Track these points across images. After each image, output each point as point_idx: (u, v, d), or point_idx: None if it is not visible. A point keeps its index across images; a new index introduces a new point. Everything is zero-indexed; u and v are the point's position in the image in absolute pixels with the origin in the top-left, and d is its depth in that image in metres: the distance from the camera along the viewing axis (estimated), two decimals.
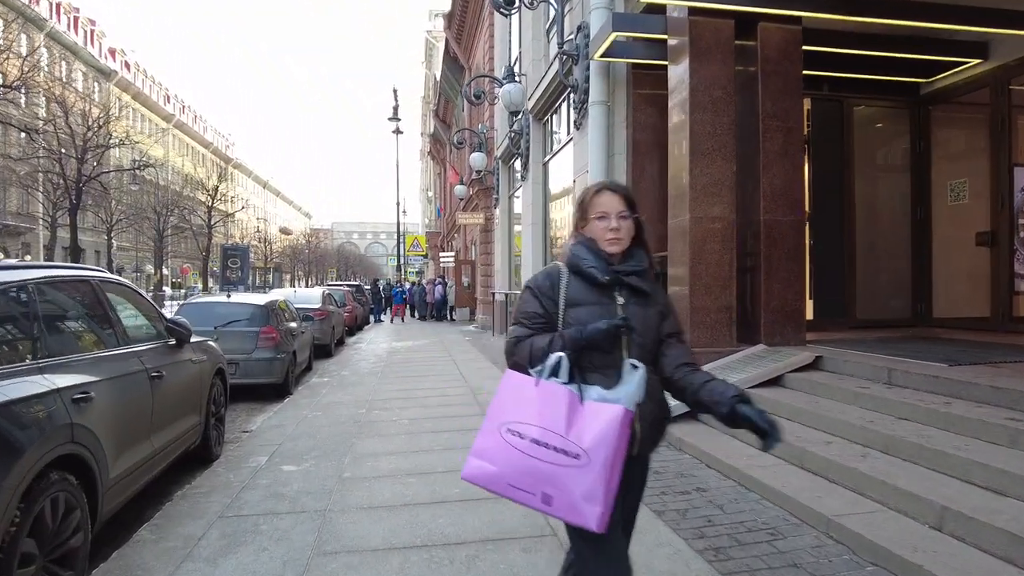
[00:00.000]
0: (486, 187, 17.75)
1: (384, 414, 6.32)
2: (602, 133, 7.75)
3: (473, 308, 23.12)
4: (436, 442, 5.15)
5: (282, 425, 5.99)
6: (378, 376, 9.11)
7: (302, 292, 14.33)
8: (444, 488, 3.96)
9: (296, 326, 9.36)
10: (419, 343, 14.50)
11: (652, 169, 7.73)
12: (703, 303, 6.18)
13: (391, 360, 11.20)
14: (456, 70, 28.59)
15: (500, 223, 15.95)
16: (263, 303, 8.29)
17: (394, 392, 7.63)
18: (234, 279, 37.61)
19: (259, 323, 7.99)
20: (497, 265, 16.52)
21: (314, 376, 9.57)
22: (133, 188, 27.05)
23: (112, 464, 3.19)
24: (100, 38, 52.91)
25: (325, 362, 11.62)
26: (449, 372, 9.37)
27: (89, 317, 3.58)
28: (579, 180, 8.58)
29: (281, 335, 8.18)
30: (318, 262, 73.70)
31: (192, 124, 68.52)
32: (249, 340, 7.82)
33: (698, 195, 6.20)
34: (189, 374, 4.68)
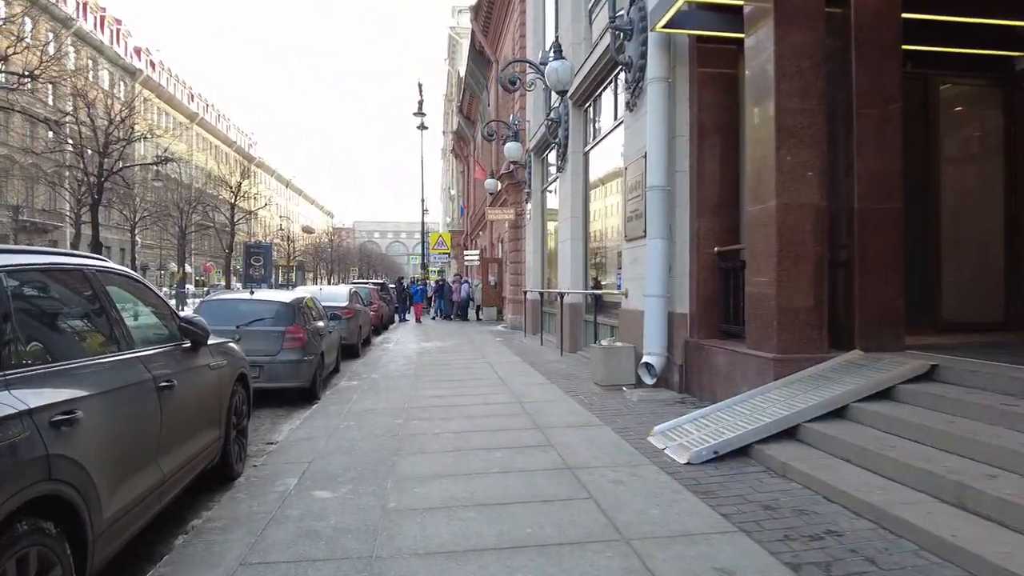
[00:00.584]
0: (516, 181, 17.02)
1: (424, 426, 5.61)
2: (662, 113, 6.96)
3: (501, 307, 22.42)
4: (489, 462, 4.43)
5: (311, 437, 5.31)
6: (411, 380, 8.43)
7: (328, 290, 13.73)
8: (513, 527, 3.23)
9: (323, 325, 8.72)
10: (449, 343, 13.81)
11: (718, 153, 6.93)
12: (791, 302, 5.38)
13: (422, 362, 10.52)
14: (482, 64, 27.91)
15: (532, 218, 15.21)
16: (289, 301, 7.65)
17: (431, 399, 6.93)
18: (257, 277, 37.44)
19: (285, 322, 7.35)
20: (528, 263, 15.78)
21: (343, 379, 8.92)
22: (156, 184, 26.74)
23: (107, 501, 2.51)
24: (126, 37, 53.19)
25: (353, 363, 10.97)
26: (487, 376, 8.65)
27: (81, 316, 2.92)
28: (633, 166, 7.80)
29: (308, 335, 7.54)
30: (340, 261, 73.66)
31: (215, 123, 68.84)
32: (274, 341, 7.18)
33: (785, 179, 5.40)
34: (206, 382, 4.02)
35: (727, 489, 3.84)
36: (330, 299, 12.20)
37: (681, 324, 7.00)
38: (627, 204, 8.01)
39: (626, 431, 5.30)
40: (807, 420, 4.59)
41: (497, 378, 8.43)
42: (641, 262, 7.53)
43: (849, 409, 4.64)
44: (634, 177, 7.75)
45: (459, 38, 50.08)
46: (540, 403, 6.56)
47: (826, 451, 4.26)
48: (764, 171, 5.56)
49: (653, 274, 6.95)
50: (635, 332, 7.65)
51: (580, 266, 11.03)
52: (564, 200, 11.59)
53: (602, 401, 6.64)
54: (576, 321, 11.00)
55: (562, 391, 7.28)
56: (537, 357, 10.77)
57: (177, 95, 60.78)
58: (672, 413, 5.94)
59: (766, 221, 5.50)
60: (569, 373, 8.75)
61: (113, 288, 3.23)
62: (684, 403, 6.45)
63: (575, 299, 10.95)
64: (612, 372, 7.30)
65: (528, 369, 9.26)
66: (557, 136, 11.66)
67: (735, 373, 5.91)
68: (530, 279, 15.50)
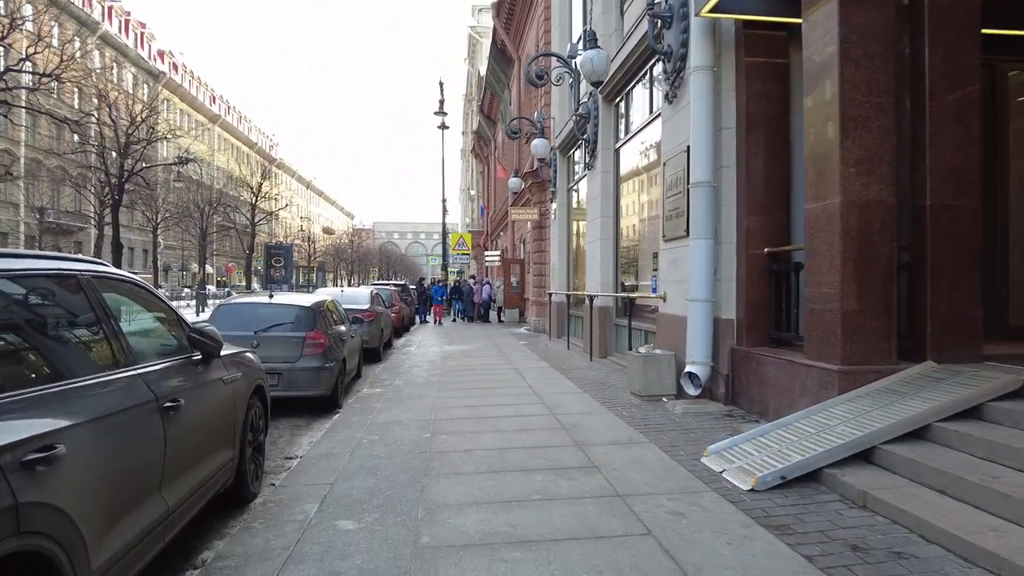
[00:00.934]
0: (541, 180, 16.58)
1: (454, 441, 5.20)
2: (707, 104, 6.48)
3: (523, 309, 21.99)
4: (530, 487, 4.00)
5: (332, 453, 4.93)
6: (436, 387, 8.03)
7: (349, 292, 13.40)
8: (567, 573, 2.80)
9: (345, 329, 8.36)
10: (472, 347, 13.41)
11: (767, 146, 6.43)
12: (857, 308, 4.88)
13: (446, 367, 10.13)
14: (503, 62, 27.51)
15: (557, 218, 14.75)
16: (309, 304, 7.29)
17: (460, 410, 6.52)
18: (277, 278, 37.41)
19: (305, 327, 6.99)
20: (553, 263, 15.33)
21: (365, 385, 8.55)
22: (177, 185, 26.75)
23: (98, 548, 2.13)
24: (150, 40, 53.74)
25: (374, 368, 10.62)
26: (516, 384, 8.22)
27: (71, 329, 2.54)
28: (672, 161, 7.32)
29: (330, 341, 7.17)
30: (360, 261, 73.81)
31: (237, 124, 69.35)
32: (294, 347, 6.82)
33: (850, 173, 4.90)
34: (219, 398, 3.64)
35: (803, 523, 3.38)
36: (351, 301, 11.87)
37: (727, 331, 6.51)
38: (665, 202, 7.54)
39: (675, 450, 4.84)
40: (884, 441, 4.09)
41: (526, 386, 8.00)
42: (682, 264, 7.05)
43: (931, 429, 4.14)
44: (674, 173, 7.28)
45: (479, 37, 49.79)
46: (576, 415, 6.11)
47: (911, 478, 3.77)
48: (826, 165, 5.06)
49: (697, 277, 6.47)
50: (675, 338, 7.17)
51: (610, 267, 10.56)
52: (593, 199, 11.13)
53: (643, 414, 6.17)
54: (606, 325, 10.54)
55: (598, 402, 6.83)
56: (565, 362, 10.32)
57: (200, 97, 61.33)
58: (722, 428, 5.47)
59: (828, 219, 5.01)
60: (602, 381, 8.29)
61: (112, 296, 2.86)
62: (732, 416, 5.96)
63: (605, 302, 10.49)
64: (651, 382, 6.83)
65: (558, 376, 8.81)
66: (586, 132, 11.20)
67: (792, 385, 5.42)
68: (555, 280, 15.05)
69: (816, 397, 5.03)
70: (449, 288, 24.62)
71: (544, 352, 12.10)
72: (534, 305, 17.73)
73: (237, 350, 4.38)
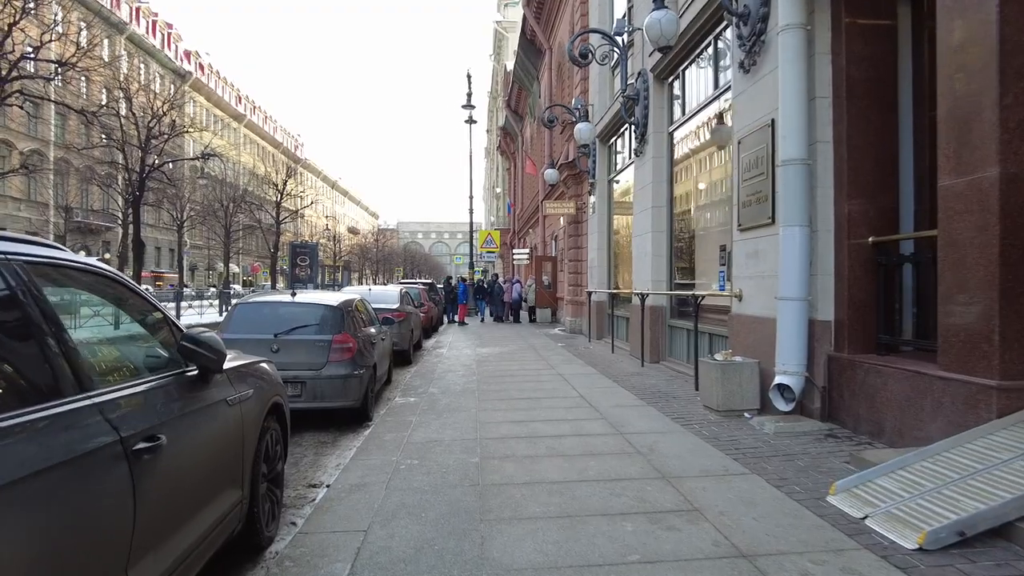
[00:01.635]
0: (577, 172, 15.63)
1: (509, 470, 4.31)
2: (799, 68, 5.49)
3: (555, 309, 21.06)
4: (621, 542, 3.09)
5: (365, 484, 4.07)
6: (476, 396, 7.15)
7: (377, 290, 12.62)
8: None
9: (375, 332, 7.53)
10: (507, 349, 12.52)
11: (872, 117, 5.42)
12: (1021, 308, 3.87)
13: (483, 372, 9.25)
14: (532, 53, 26.61)
15: (596, 211, 13.79)
16: (336, 304, 6.46)
17: (508, 426, 5.63)
18: (303, 277, 36.98)
19: (331, 329, 6.16)
20: (591, 260, 14.37)
21: (396, 393, 7.72)
22: (201, 182, 26.32)
23: None
24: (176, 41, 53.94)
25: (405, 372, 9.80)
26: (565, 394, 7.31)
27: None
28: (750, 139, 6.34)
29: (359, 345, 6.34)
30: (385, 261, 73.57)
31: (262, 124, 69.47)
32: (319, 352, 6.00)
33: (1013, 138, 3.89)
34: (222, 425, 2.80)
35: None
36: (380, 301, 11.07)
37: (822, 335, 5.52)
38: (741, 187, 6.56)
39: (787, 484, 3.89)
40: None
41: (578, 396, 7.08)
42: (766, 256, 6.07)
43: None
44: (752, 152, 6.30)
45: (505, 32, 49.02)
46: (649, 435, 5.18)
47: None
48: (973, 129, 4.05)
49: (789, 271, 5.49)
50: (754, 344, 6.20)
51: (663, 263, 9.58)
52: (642, 188, 10.16)
53: (728, 433, 5.22)
54: (658, 327, 9.56)
55: (667, 417, 5.88)
56: (612, 368, 9.37)
57: (225, 97, 61.47)
58: (833, 455, 4.49)
59: (979, 197, 4.00)
60: (661, 390, 7.34)
61: (64, 292, 2.02)
62: (836, 438, 4.97)
63: (657, 301, 9.51)
64: (731, 394, 5.86)
65: (610, 384, 7.87)
66: (634, 115, 10.24)
67: (918, 403, 4.42)
68: (593, 278, 14.09)
69: (958, 420, 4.04)
70: (473, 287, 23.26)
71: (586, 355, 11.16)
72: (569, 305, 16.79)
73: (248, 360, 3.54)
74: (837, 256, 5.48)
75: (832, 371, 5.46)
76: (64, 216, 30.19)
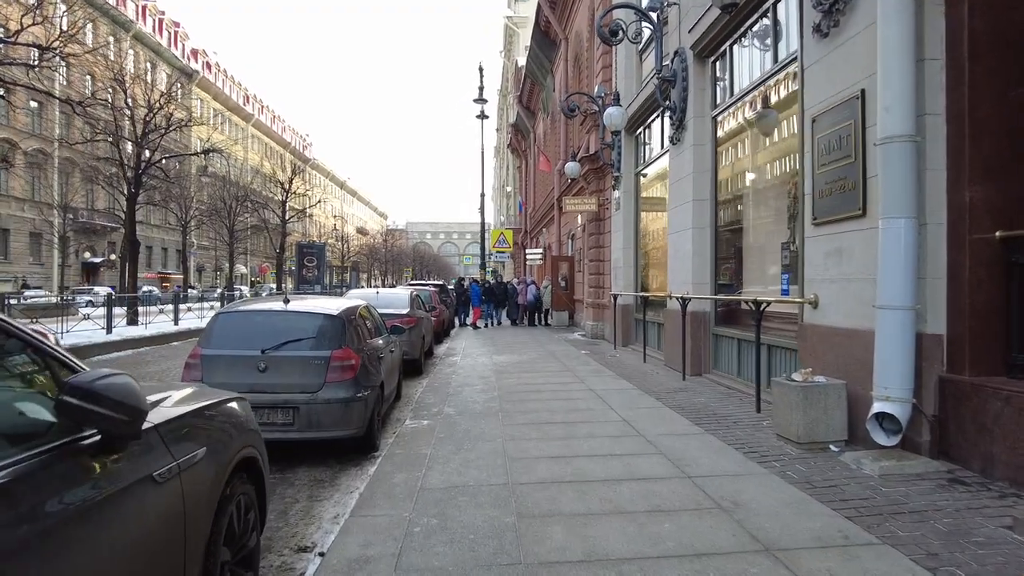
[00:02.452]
0: (600, 165, 14.58)
1: (557, 536, 3.29)
2: (904, 23, 4.44)
3: (572, 311, 20.02)
4: None
5: (368, 558, 3.07)
6: (500, 420, 6.14)
7: (386, 293, 11.63)
8: None
9: (383, 343, 6.54)
10: (526, 358, 11.50)
11: (1003, 83, 4.37)
12: None
13: (504, 386, 8.24)
14: (546, 45, 25.59)
15: (622, 207, 12.75)
16: (336, 312, 5.45)
17: (545, 464, 4.61)
18: (310, 278, 36.14)
19: (330, 343, 5.16)
20: (616, 260, 13.33)
21: (407, 413, 6.73)
22: (204, 180, 25.45)
23: None
24: (183, 39, 53.34)
25: (416, 385, 8.81)
26: (604, 416, 6.28)
27: None
28: (829, 115, 5.29)
29: (364, 361, 5.34)
30: (394, 261, 72.74)
31: (270, 124, 68.84)
32: (315, 371, 5.01)
33: None
34: (142, 519, 1.80)
35: None
36: (389, 305, 10.09)
37: (932, 352, 4.47)
38: (816, 174, 5.50)
39: (942, 567, 2.85)
40: None
41: (620, 420, 6.05)
42: (851, 255, 5.02)
43: None
44: (832, 132, 5.25)
45: (516, 28, 48.05)
46: (724, 480, 4.14)
47: None
48: None
49: (891, 273, 4.44)
50: (836, 360, 5.15)
51: (707, 263, 8.53)
52: (680, 179, 9.11)
53: (822, 476, 4.18)
54: (701, 335, 8.51)
55: (736, 450, 4.85)
56: (650, 381, 8.34)
57: (233, 96, 60.84)
58: (978, 512, 3.44)
59: None
60: (716, 412, 6.30)
61: None
62: (964, 484, 3.92)
63: (700, 306, 8.46)
64: (814, 423, 4.82)
65: (654, 404, 6.84)
66: (669, 99, 9.19)
67: None
68: (618, 280, 13.04)
69: None
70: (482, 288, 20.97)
71: (616, 365, 10.11)
72: (589, 308, 15.74)
73: (204, 402, 2.55)
74: (952, 255, 4.43)
75: (946, 397, 4.41)
76: (62, 215, 29.31)
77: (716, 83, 8.57)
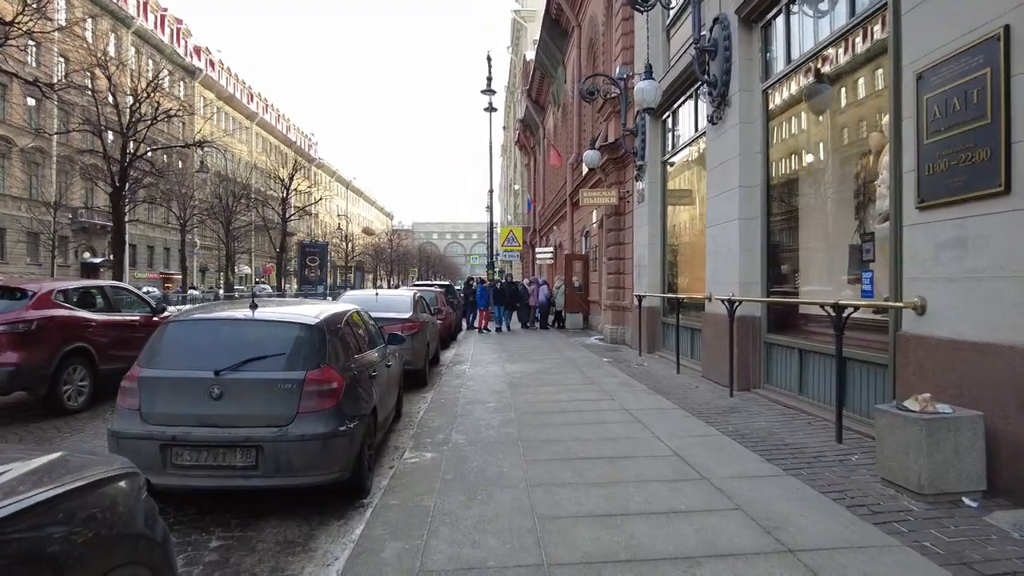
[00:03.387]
0: (621, 155, 13.40)
1: None
2: None
3: (587, 313, 18.84)
4: None
5: None
6: (521, 453, 4.99)
7: (386, 296, 10.47)
8: None
9: (378, 356, 5.40)
10: (542, 366, 10.33)
11: None
12: None
13: (521, 404, 7.09)
14: (557, 34, 24.42)
15: (647, 199, 11.56)
16: (315, 321, 4.30)
17: (587, 527, 3.45)
18: (312, 278, 35.09)
19: (305, 362, 4.01)
20: (639, 257, 12.15)
21: (406, 439, 5.60)
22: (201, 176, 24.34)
23: None
24: (186, 36, 52.48)
25: (419, 401, 7.68)
26: (647, 445, 5.12)
27: None
28: (949, 65, 4.10)
29: (350, 383, 4.20)
30: (399, 261, 71.73)
31: (275, 123, 67.91)
32: (284, 398, 3.86)
33: None
34: None
35: None
36: (388, 309, 8.96)
37: None
38: (924, 143, 4.32)
39: None
40: None
41: (671, 454, 4.88)
42: (984, 245, 3.83)
43: None
44: (948, 88, 4.07)
45: (524, 22, 46.95)
46: (838, 555, 2.98)
47: None
48: None
49: None
50: (961, 383, 3.96)
51: (755, 259, 7.35)
52: (722, 164, 7.93)
53: (972, 550, 3.00)
54: (749, 344, 7.33)
55: (840, 505, 3.67)
56: (692, 398, 7.16)
57: (237, 95, 59.95)
58: None
59: None
60: (787, 442, 5.12)
61: None
62: None
63: (749, 310, 7.28)
64: (942, 468, 3.64)
65: (706, 429, 5.66)
66: (708, 73, 8.01)
67: None
68: (642, 280, 11.86)
69: None
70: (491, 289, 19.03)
71: (645, 376, 8.93)
72: (608, 310, 14.55)
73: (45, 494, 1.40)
74: None
75: None
76: (54, 213, 28.34)
77: (767, 50, 7.39)
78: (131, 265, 44.89)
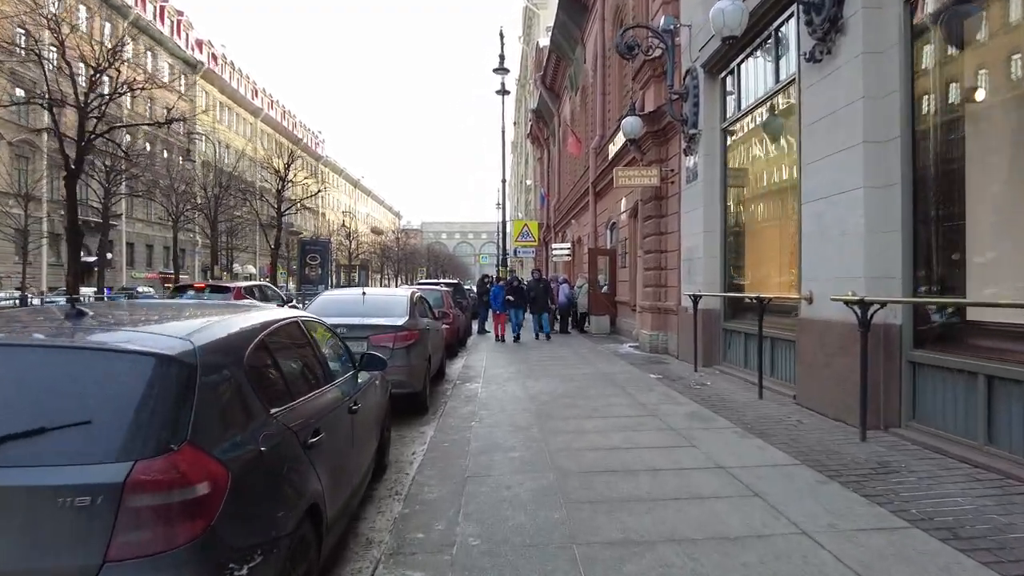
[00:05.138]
0: (662, 127, 11.22)
1: None
2: None
3: (614, 316, 16.64)
4: None
5: None
6: (580, 568, 2.83)
7: (376, 296, 8.27)
8: None
9: (335, 398, 3.25)
10: (574, 385, 8.15)
11: None
12: None
13: (558, 454, 4.93)
14: (576, 10, 22.26)
15: (702, 176, 9.37)
16: (179, 349, 2.11)
17: None
18: (313, 277, 33.07)
19: (132, 440, 1.85)
20: (692, 248, 9.97)
21: (382, 532, 3.47)
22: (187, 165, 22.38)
23: None
24: (187, 29, 50.75)
25: (413, 438, 5.57)
26: (785, 544, 2.95)
27: None
28: None
29: (246, 474, 2.03)
30: (407, 260, 69.73)
31: (281, 119, 66.14)
32: (76, 528, 1.70)
33: None
34: None
35: None
36: (376, 313, 6.85)
37: None
38: None
39: None
40: None
41: (833, 560, 2.71)
42: None
43: None
44: None
45: (536, 9, 44.99)
46: None
47: None
48: None
49: None
50: None
51: (893, 245, 5.15)
52: (830, 114, 5.73)
53: None
54: (882, 365, 5.12)
55: None
56: (805, 440, 4.99)
57: (241, 90, 58.23)
58: None
59: None
60: (1002, 542, 2.94)
61: None
62: None
63: (888, 316, 5.07)
64: None
65: (872, 509, 3.49)
66: None
67: None
68: (695, 276, 9.67)
69: None
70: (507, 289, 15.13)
71: (722, 405, 6.70)
72: (647, 313, 12.32)
73: None
74: None
75: None
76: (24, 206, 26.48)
77: None
78: (129, 264, 43.20)
